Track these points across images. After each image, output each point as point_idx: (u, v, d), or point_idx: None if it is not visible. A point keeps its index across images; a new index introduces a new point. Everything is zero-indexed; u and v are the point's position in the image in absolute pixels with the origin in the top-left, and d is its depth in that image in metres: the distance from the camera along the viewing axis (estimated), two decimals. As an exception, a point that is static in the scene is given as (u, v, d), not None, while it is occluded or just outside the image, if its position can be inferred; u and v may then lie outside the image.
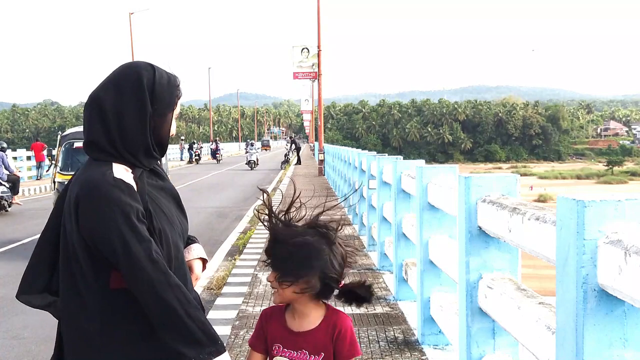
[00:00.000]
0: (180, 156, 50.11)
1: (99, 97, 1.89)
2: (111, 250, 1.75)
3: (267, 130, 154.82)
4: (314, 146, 50.23)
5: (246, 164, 36.27)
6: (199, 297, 1.97)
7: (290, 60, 29.32)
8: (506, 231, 2.72)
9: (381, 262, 7.18)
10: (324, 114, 38.47)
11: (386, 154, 8.45)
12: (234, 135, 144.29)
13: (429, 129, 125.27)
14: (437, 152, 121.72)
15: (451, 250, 3.87)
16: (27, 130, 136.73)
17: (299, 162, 37.18)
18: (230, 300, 6.09)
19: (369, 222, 8.65)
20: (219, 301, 6.10)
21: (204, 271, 2.18)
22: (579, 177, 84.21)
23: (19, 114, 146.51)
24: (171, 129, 1.98)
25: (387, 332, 4.85)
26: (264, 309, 2.04)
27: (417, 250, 4.63)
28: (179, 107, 2.00)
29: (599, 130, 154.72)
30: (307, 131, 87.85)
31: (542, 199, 54.51)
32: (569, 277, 1.94)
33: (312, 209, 1.98)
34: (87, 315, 1.81)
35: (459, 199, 3.29)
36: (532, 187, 65.89)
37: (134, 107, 1.87)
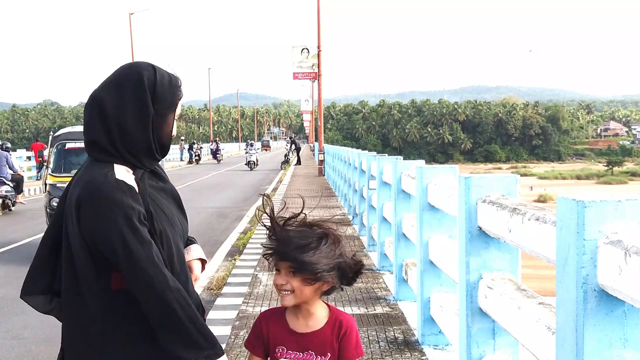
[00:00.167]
0: (180, 156, 50.11)
1: (100, 97, 1.88)
2: (112, 251, 1.75)
3: (267, 130, 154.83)
4: (314, 146, 50.21)
5: (246, 164, 35.76)
6: (201, 300, 1.98)
7: (290, 60, 29.30)
8: (506, 231, 2.72)
9: (381, 263, 7.18)
10: (324, 114, 38.47)
11: (386, 154, 8.46)
12: (234, 135, 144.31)
13: (429, 129, 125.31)
14: (437, 152, 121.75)
15: (451, 250, 3.87)
16: (27, 130, 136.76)
17: (298, 162, 37.15)
18: (230, 300, 6.09)
19: (369, 223, 8.65)
20: (219, 301, 6.10)
21: (202, 272, 2.18)
22: (579, 178, 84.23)
23: (18, 114, 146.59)
24: (173, 130, 1.97)
25: (387, 333, 4.85)
26: (262, 311, 2.02)
27: (417, 250, 4.63)
28: (180, 107, 1.99)
29: (599, 130, 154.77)
30: (307, 131, 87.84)
31: (542, 199, 54.55)
32: (569, 277, 1.94)
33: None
34: (89, 315, 1.81)
35: (459, 199, 3.29)
36: (532, 188, 65.92)
37: (134, 107, 1.86)
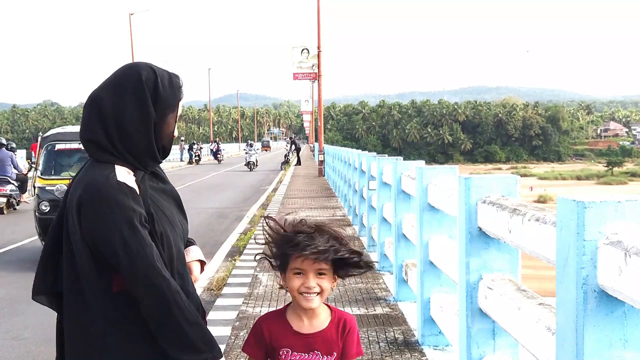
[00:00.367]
0: (180, 157, 50.11)
1: (99, 96, 1.88)
2: (113, 253, 1.75)
3: (267, 131, 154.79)
4: (314, 147, 50.21)
5: (245, 165, 35.24)
6: (201, 301, 1.97)
7: (290, 60, 29.28)
8: (506, 232, 2.72)
9: (381, 263, 7.18)
10: (324, 115, 38.46)
11: (386, 155, 8.47)
12: (234, 136, 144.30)
13: (429, 130, 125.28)
14: (437, 152, 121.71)
15: (451, 251, 3.87)
16: (27, 130, 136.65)
17: (298, 162, 37.13)
18: (230, 301, 6.09)
19: (369, 223, 8.65)
20: (219, 302, 6.10)
21: (202, 273, 2.18)
22: (578, 178, 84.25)
23: (18, 115, 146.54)
24: (174, 131, 1.96)
25: (387, 333, 4.85)
26: (260, 316, 2.00)
27: (417, 251, 4.63)
28: (181, 108, 1.98)
29: (598, 131, 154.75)
30: (307, 132, 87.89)
31: (542, 200, 54.57)
32: (569, 278, 1.94)
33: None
34: (90, 316, 1.81)
35: (459, 199, 3.29)
36: (532, 188, 65.91)
37: (134, 107, 1.85)
